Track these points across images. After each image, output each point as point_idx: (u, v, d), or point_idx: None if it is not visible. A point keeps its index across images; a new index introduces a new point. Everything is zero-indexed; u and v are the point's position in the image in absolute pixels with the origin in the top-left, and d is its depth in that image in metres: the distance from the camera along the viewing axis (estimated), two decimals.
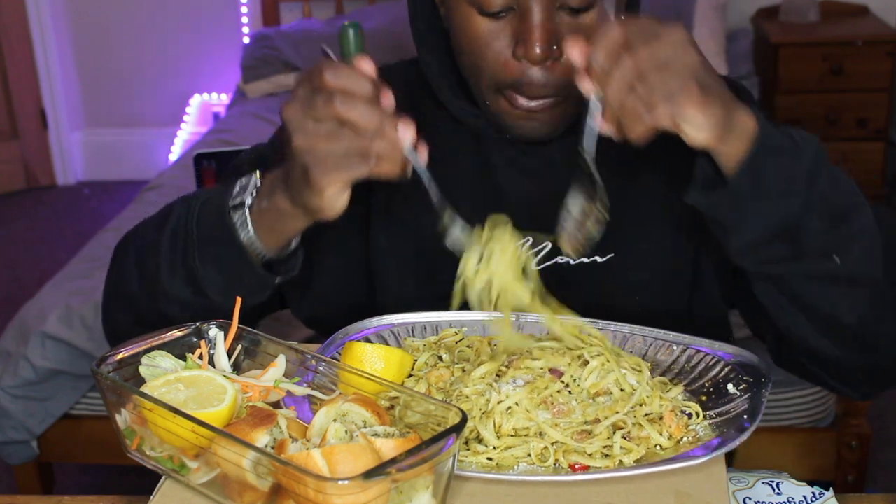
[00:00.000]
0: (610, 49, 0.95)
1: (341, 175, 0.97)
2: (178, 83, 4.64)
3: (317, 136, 0.96)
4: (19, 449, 2.36)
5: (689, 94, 0.94)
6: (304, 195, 1.00)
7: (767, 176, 1.00)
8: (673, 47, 0.94)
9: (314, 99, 0.96)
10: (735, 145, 0.99)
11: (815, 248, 1.03)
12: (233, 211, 1.07)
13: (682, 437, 0.98)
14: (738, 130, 0.99)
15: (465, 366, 1.08)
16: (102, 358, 0.99)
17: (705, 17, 3.82)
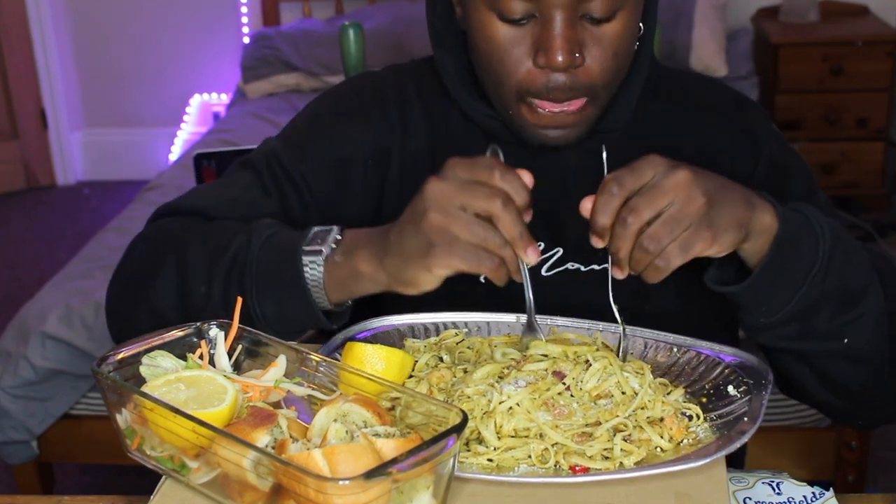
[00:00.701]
0: (611, 210, 0.97)
1: (461, 263, 0.97)
2: (178, 83, 4.64)
3: (457, 220, 0.96)
4: (19, 449, 2.36)
5: (701, 240, 0.97)
6: (408, 266, 1.00)
7: (788, 269, 1.04)
8: (678, 195, 0.96)
9: (475, 189, 0.96)
10: (755, 245, 1.03)
11: (826, 328, 1.08)
12: (304, 255, 1.07)
13: (683, 439, 0.98)
14: (758, 233, 1.02)
15: (466, 366, 1.08)
16: (103, 358, 0.99)
17: (705, 17, 3.82)
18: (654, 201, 0.96)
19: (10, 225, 4.38)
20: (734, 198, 1.00)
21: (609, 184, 0.97)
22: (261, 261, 1.09)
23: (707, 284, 1.08)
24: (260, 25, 4.47)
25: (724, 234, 0.98)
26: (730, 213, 0.99)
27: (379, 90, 1.29)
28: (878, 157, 3.96)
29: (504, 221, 0.96)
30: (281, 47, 4.03)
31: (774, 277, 1.03)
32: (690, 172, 0.97)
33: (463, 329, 1.18)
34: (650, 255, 0.97)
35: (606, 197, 0.97)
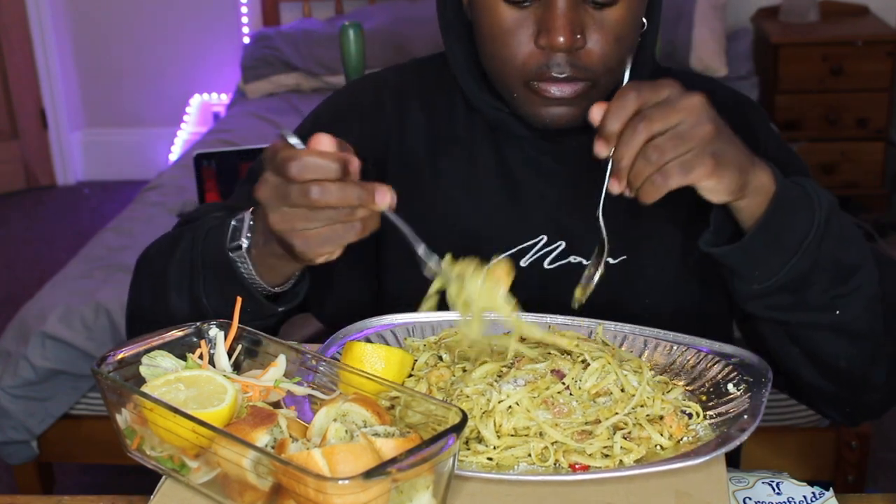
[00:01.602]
0: (624, 115, 0.97)
1: (329, 247, 0.99)
2: (178, 83, 4.64)
3: (295, 217, 0.97)
4: (19, 449, 2.36)
5: (702, 165, 0.97)
6: (296, 261, 1.02)
7: (782, 233, 1.04)
8: (689, 116, 0.96)
9: (287, 189, 0.96)
10: (752, 203, 1.03)
11: (818, 301, 1.07)
12: (232, 252, 1.09)
13: (683, 437, 0.98)
14: (756, 190, 1.02)
15: (465, 365, 1.08)
16: (102, 358, 0.99)
17: (705, 17, 3.82)
18: (667, 115, 0.96)
19: (10, 225, 4.38)
20: (739, 144, 1.01)
21: (626, 91, 0.98)
22: (204, 262, 1.12)
23: (701, 248, 1.08)
24: (260, 25, 4.47)
25: (725, 170, 0.98)
26: (734, 153, 0.99)
27: (377, 92, 1.31)
28: (878, 157, 3.96)
29: (327, 202, 0.95)
30: (281, 47, 4.03)
31: (769, 241, 1.03)
32: (705, 99, 0.98)
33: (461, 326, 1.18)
34: (651, 167, 0.96)
35: (621, 102, 0.97)
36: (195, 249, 1.13)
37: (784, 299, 1.07)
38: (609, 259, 1.22)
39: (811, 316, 1.09)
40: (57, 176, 4.79)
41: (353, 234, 0.98)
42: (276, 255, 1.06)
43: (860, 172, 3.99)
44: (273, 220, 0.98)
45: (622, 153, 0.97)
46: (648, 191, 0.97)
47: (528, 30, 1.12)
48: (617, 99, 0.98)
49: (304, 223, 0.97)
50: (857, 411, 1.23)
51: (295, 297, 1.15)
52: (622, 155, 0.97)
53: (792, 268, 1.05)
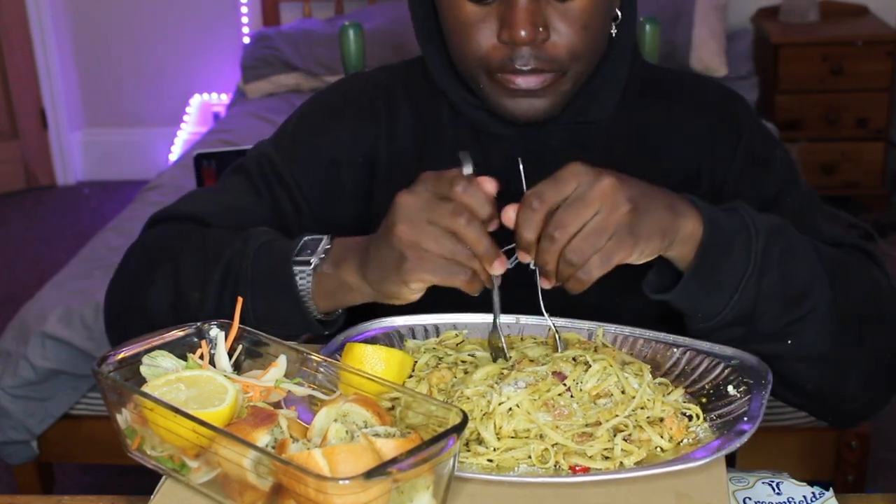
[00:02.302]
0: (535, 224, 0.97)
1: (433, 276, 0.99)
2: (178, 83, 4.64)
3: (426, 234, 0.98)
4: (19, 449, 2.36)
5: (622, 249, 0.97)
6: (386, 279, 1.01)
7: (717, 275, 1.04)
8: (602, 203, 0.96)
9: (440, 205, 0.98)
10: (681, 253, 1.03)
11: (770, 329, 1.08)
12: (295, 265, 1.09)
13: (683, 439, 0.98)
14: (682, 241, 1.02)
15: (466, 367, 1.08)
16: (103, 357, 0.99)
17: (705, 17, 3.82)
18: (580, 213, 0.96)
19: (10, 225, 4.38)
20: (658, 204, 1.00)
21: (530, 199, 0.97)
22: (255, 268, 1.11)
23: (644, 292, 1.09)
24: (260, 25, 4.47)
25: (646, 243, 0.99)
26: (653, 221, 0.99)
27: (367, 91, 1.31)
28: (878, 157, 3.96)
29: (468, 238, 0.97)
30: (281, 47, 4.03)
31: (704, 283, 1.04)
32: (615, 180, 0.97)
33: (463, 330, 1.18)
34: (574, 268, 0.97)
35: (528, 213, 0.97)
36: (245, 256, 1.12)
37: (735, 332, 1.08)
38: None
39: (766, 346, 1.09)
40: (57, 176, 4.78)
41: (460, 280, 0.99)
42: (343, 281, 1.06)
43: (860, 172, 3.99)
44: (402, 230, 0.98)
45: (544, 261, 0.98)
46: (575, 286, 0.99)
47: (490, 25, 1.13)
48: (523, 208, 0.98)
49: (429, 243, 0.97)
50: (839, 420, 1.24)
51: (335, 326, 1.15)
52: (544, 262, 0.98)
53: (734, 305, 1.05)
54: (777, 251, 1.06)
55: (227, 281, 1.12)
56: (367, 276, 1.04)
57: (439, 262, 0.98)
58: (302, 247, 1.10)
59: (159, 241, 1.23)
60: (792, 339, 1.08)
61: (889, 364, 1.16)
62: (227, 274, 1.12)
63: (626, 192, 0.97)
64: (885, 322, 1.15)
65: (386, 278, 1.01)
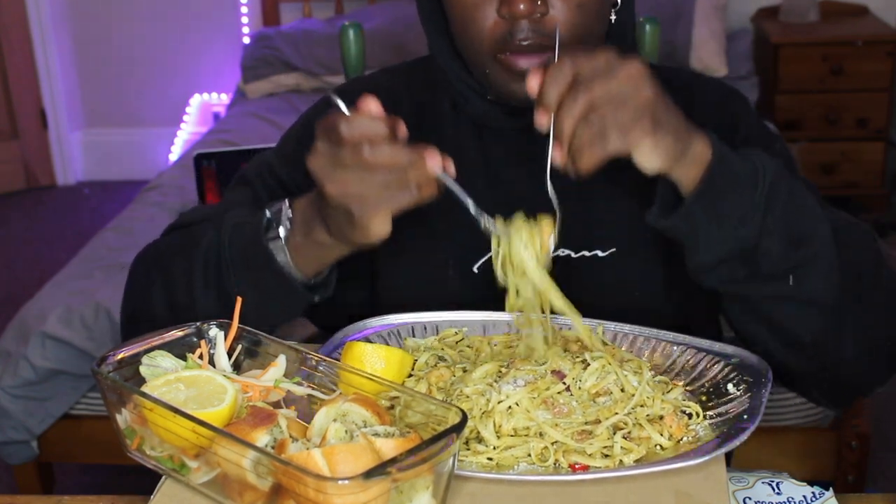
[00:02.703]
0: (561, 84, 0.97)
1: (385, 209, 1.00)
2: (178, 83, 4.64)
3: (349, 182, 0.99)
4: (19, 449, 2.35)
5: (641, 127, 0.96)
6: (349, 233, 1.03)
7: (722, 202, 1.03)
8: (628, 83, 0.96)
9: (339, 152, 0.99)
10: (689, 173, 1.02)
11: (772, 270, 1.06)
12: (268, 241, 1.10)
13: (683, 437, 0.98)
14: (692, 159, 1.02)
15: (465, 366, 1.08)
16: (102, 358, 0.99)
17: (705, 17, 3.82)
18: (608, 82, 0.96)
19: (10, 225, 4.38)
20: (677, 113, 1.01)
21: (562, 59, 0.98)
22: (233, 256, 1.13)
23: (647, 222, 1.07)
24: (260, 25, 4.47)
25: (664, 135, 0.98)
26: (672, 119, 0.99)
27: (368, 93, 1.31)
28: (878, 157, 3.96)
29: (382, 162, 0.98)
30: (281, 47, 4.03)
31: (709, 209, 1.03)
32: (643, 66, 0.98)
33: (462, 328, 1.18)
34: (592, 132, 0.96)
35: (557, 71, 0.97)
36: (222, 242, 1.14)
37: (737, 271, 1.06)
38: (599, 252, 1.23)
39: (768, 287, 1.07)
40: (57, 176, 4.78)
41: (409, 197, 1.00)
42: (318, 243, 1.08)
43: (860, 172, 3.98)
44: (329, 189, 1.00)
45: (562, 120, 0.97)
46: (588, 157, 0.97)
47: (491, 4, 1.14)
48: (553, 68, 0.98)
49: (358, 186, 0.99)
50: (836, 390, 1.21)
51: (327, 289, 1.16)
52: (562, 122, 0.97)
53: (738, 237, 1.04)
54: (784, 191, 1.05)
55: (208, 271, 1.14)
56: (335, 236, 1.06)
57: (380, 196, 0.99)
58: (268, 223, 1.11)
59: (154, 252, 1.26)
60: (794, 279, 1.07)
61: (886, 335, 1.15)
62: (207, 268, 1.14)
63: (653, 81, 0.98)
64: (884, 290, 1.15)
65: (347, 232, 1.03)
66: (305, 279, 1.12)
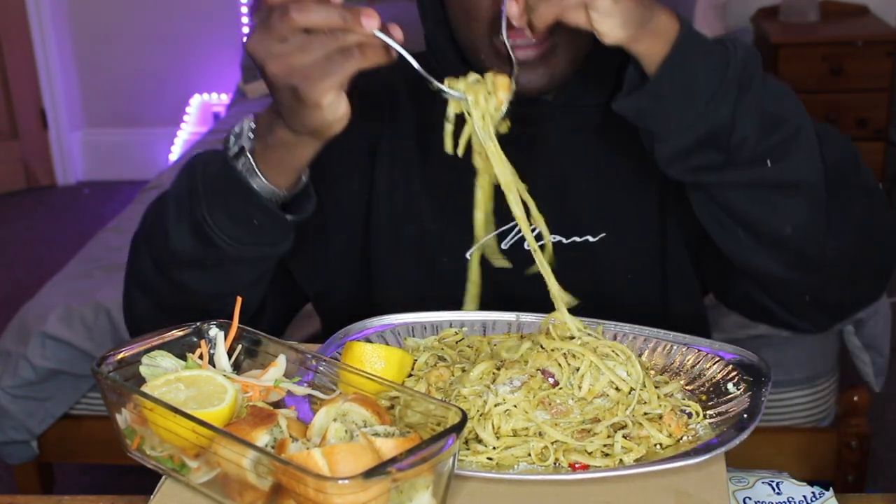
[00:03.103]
0: None
1: (332, 80, 0.95)
2: (178, 83, 4.64)
3: (288, 54, 0.94)
4: (19, 449, 2.36)
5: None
6: (303, 117, 0.98)
7: (690, 79, 0.98)
8: None
9: (270, 21, 0.95)
10: (654, 46, 0.98)
11: (748, 155, 1.01)
12: (235, 160, 1.06)
13: (682, 437, 0.98)
14: (657, 31, 0.97)
15: (464, 366, 1.08)
16: (102, 358, 0.99)
17: (705, 17, 3.83)
18: None
19: (10, 225, 4.39)
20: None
21: None
22: (204, 183, 1.08)
23: (613, 108, 1.03)
24: None
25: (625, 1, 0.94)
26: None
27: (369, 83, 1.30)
28: (878, 157, 3.96)
29: (317, 20, 0.94)
30: None
31: (675, 85, 0.98)
32: None
33: (462, 328, 1.18)
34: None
35: None
36: (194, 176, 1.09)
37: (708, 157, 1.01)
38: (589, 237, 1.24)
39: (745, 174, 1.02)
40: (57, 176, 4.79)
41: (353, 62, 0.95)
42: (281, 142, 1.03)
43: None
44: (270, 68, 0.95)
45: None
46: (543, 13, 0.95)
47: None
48: None
49: (299, 57, 0.94)
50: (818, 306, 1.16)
51: (304, 211, 1.12)
52: None
53: (710, 117, 0.99)
54: (757, 73, 1.01)
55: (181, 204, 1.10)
56: (290, 126, 1.01)
57: (324, 66, 0.94)
58: (234, 140, 1.07)
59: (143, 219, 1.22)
60: (773, 161, 1.02)
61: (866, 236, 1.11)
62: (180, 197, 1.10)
63: None
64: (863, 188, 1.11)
65: (302, 117, 0.98)
66: (281, 191, 1.07)
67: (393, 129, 1.29)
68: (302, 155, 1.05)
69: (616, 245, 1.24)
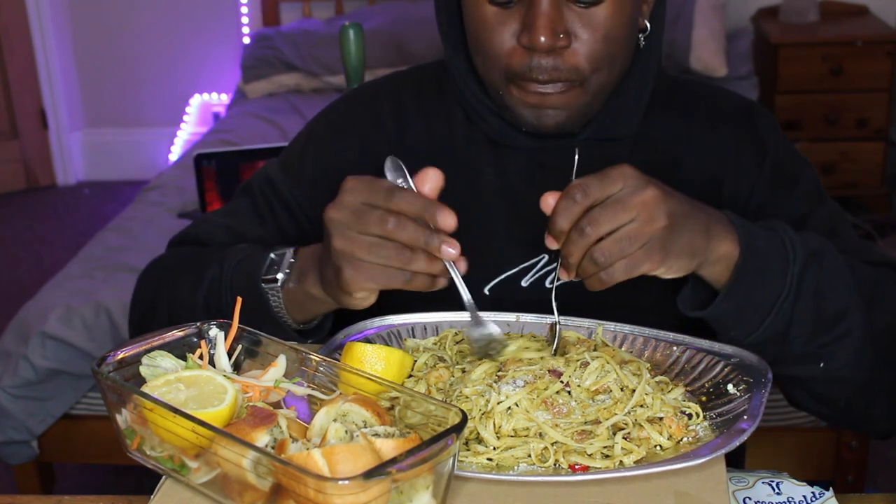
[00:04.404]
0: (572, 215, 0.97)
1: (372, 284, 1.01)
2: (178, 83, 4.64)
3: (358, 244, 0.99)
4: (19, 449, 2.36)
5: (649, 261, 0.97)
6: (335, 291, 1.04)
7: (751, 297, 1.04)
8: (641, 212, 0.96)
9: (367, 214, 0.99)
10: (714, 272, 1.03)
11: (802, 351, 1.08)
12: (265, 283, 1.11)
13: (683, 438, 0.98)
14: (716, 261, 1.03)
15: (465, 366, 1.08)
16: (103, 358, 0.99)
17: (705, 17, 3.82)
18: (617, 216, 0.96)
19: (10, 225, 4.38)
20: (695, 225, 1.01)
21: (574, 190, 0.97)
22: (232, 291, 1.14)
23: (679, 308, 1.09)
24: (260, 25, 4.47)
25: (675, 260, 0.99)
26: (686, 240, 0.99)
27: (375, 106, 1.29)
28: (878, 157, 3.96)
29: (402, 239, 0.98)
30: (281, 47, 4.03)
31: (739, 304, 1.04)
32: (659, 192, 0.97)
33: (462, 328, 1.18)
34: (597, 268, 0.97)
35: (569, 202, 0.97)
36: (224, 280, 1.15)
37: (767, 352, 1.07)
38: None
39: (798, 368, 1.10)
40: (57, 176, 4.79)
41: (401, 280, 1.00)
42: (308, 293, 1.09)
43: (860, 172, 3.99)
44: (336, 243, 1.00)
45: (570, 252, 0.98)
46: (594, 285, 0.99)
47: (511, 28, 1.11)
48: (565, 197, 0.98)
49: (365, 253, 0.99)
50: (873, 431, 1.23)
51: (320, 333, 1.18)
52: (570, 254, 0.98)
53: (767, 327, 1.05)
54: (814, 275, 1.05)
55: (209, 305, 1.17)
56: (324, 287, 1.07)
57: (375, 270, 0.99)
58: (269, 265, 1.13)
59: (160, 267, 1.27)
60: (824, 361, 1.08)
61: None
62: (210, 299, 1.17)
63: (667, 207, 0.97)
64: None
65: (334, 290, 1.04)
66: (295, 325, 1.14)
67: (400, 148, 1.25)
68: (321, 309, 1.12)
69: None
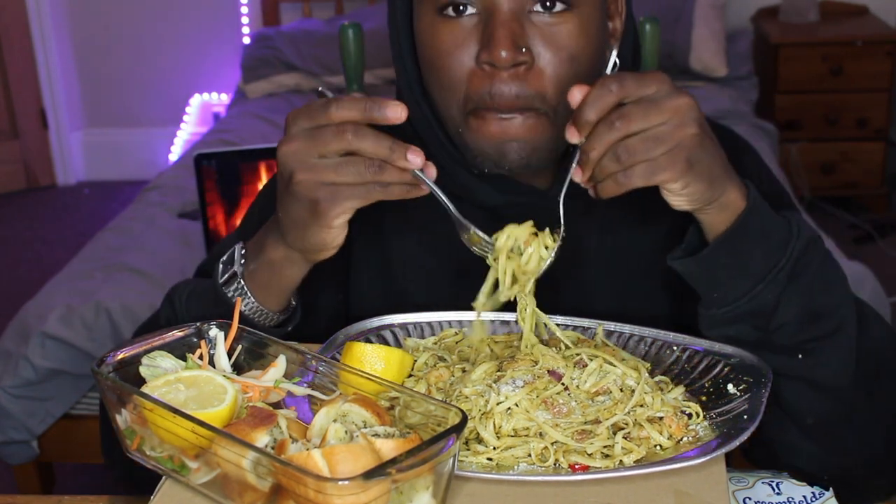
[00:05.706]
0: (602, 106, 0.91)
1: (353, 203, 0.97)
2: (178, 83, 4.65)
3: (324, 169, 0.95)
4: (19, 449, 2.36)
5: (671, 169, 0.91)
6: (308, 233, 0.99)
7: (746, 256, 0.99)
8: (673, 117, 0.91)
9: (320, 133, 0.95)
10: (717, 219, 0.98)
11: (781, 340, 1.03)
12: (225, 286, 1.09)
13: (683, 438, 0.98)
14: (723, 206, 0.98)
15: (465, 366, 1.08)
16: (102, 358, 0.99)
17: (705, 17, 3.83)
18: (649, 115, 0.90)
19: (10, 225, 4.39)
20: (717, 153, 0.95)
21: (608, 81, 0.91)
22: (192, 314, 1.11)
23: (668, 261, 1.03)
24: (260, 25, 4.48)
25: (695, 178, 0.93)
26: (708, 163, 0.94)
27: None
28: (878, 157, 3.97)
29: (364, 148, 0.94)
30: (281, 47, 4.03)
31: (730, 260, 0.99)
32: (693, 101, 0.92)
33: (462, 328, 1.18)
34: (618, 166, 0.91)
35: (602, 92, 0.91)
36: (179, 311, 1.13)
37: (748, 332, 1.03)
38: None
39: (778, 360, 1.03)
40: (57, 176, 4.79)
41: (379, 193, 0.96)
42: (273, 264, 1.05)
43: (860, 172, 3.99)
44: (300, 176, 0.96)
45: (592, 146, 0.91)
46: (609, 187, 0.93)
47: (469, 49, 1.05)
48: (598, 87, 0.91)
49: (334, 175, 0.95)
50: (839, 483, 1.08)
51: (293, 322, 1.15)
52: (592, 148, 0.91)
53: (755, 296, 1.00)
54: (814, 259, 1.01)
55: None
56: (289, 241, 1.02)
57: (351, 189, 0.95)
58: (223, 270, 1.09)
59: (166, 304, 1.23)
60: (805, 356, 1.02)
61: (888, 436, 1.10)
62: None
63: (699, 117, 0.92)
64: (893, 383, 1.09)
65: (306, 231, 0.99)
66: (273, 313, 1.10)
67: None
68: (289, 276, 1.07)
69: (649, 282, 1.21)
